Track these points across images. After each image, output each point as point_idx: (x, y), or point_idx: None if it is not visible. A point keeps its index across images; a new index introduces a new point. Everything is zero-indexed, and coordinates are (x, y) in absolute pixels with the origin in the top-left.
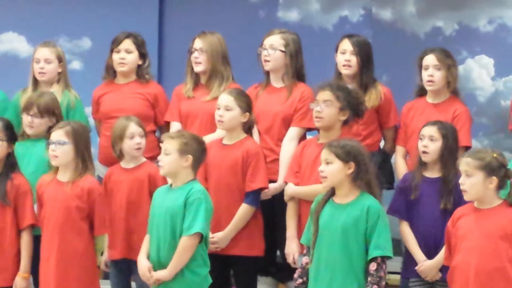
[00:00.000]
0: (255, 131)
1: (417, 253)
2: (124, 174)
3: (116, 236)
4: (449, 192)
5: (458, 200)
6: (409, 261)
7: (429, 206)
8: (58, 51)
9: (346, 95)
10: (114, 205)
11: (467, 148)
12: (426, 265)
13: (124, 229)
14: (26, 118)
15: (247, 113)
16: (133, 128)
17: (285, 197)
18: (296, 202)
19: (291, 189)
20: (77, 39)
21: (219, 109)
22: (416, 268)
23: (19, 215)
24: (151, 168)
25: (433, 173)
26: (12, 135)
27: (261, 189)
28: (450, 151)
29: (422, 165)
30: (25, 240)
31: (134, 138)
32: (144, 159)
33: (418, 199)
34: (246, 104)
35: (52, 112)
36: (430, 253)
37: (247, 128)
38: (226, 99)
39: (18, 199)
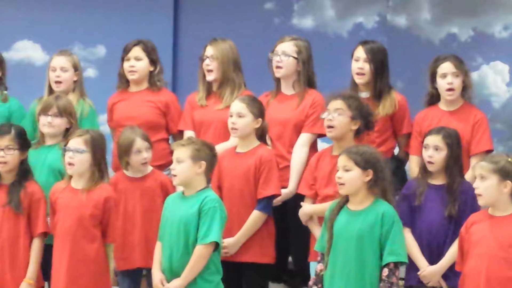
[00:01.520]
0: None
1: (420, 259)
2: (134, 184)
3: (131, 245)
4: (454, 199)
5: (463, 207)
6: (411, 268)
7: (433, 212)
8: (74, 60)
9: (357, 104)
10: (126, 215)
11: (489, 151)
12: (429, 271)
13: (142, 238)
14: (44, 119)
15: (260, 119)
16: (139, 143)
17: (303, 218)
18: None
19: (308, 209)
20: (91, 46)
21: (231, 116)
22: (418, 273)
23: (32, 222)
24: (161, 176)
25: (438, 180)
26: (24, 143)
27: (274, 196)
28: (455, 159)
29: (427, 172)
30: (36, 247)
31: (141, 153)
32: (150, 168)
33: (422, 205)
34: (259, 110)
35: (70, 113)
36: (433, 260)
37: (260, 135)
38: (238, 106)
39: (31, 207)
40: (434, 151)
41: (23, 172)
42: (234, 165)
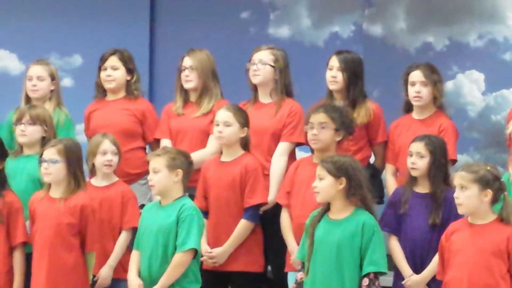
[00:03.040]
0: None
1: (404, 267)
2: (96, 193)
3: None
4: (438, 207)
5: (447, 215)
6: (398, 276)
7: (417, 220)
8: (51, 69)
9: (339, 115)
10: None
11: (453, 161)
12: (413, 280)
13: (100, 248)
14: (18, 128)
15: (246, 128)
16: (106, 145)
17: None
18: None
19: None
20: (68, 56)
21: (218, 125)
22: (403, 283)
23: (11, 232)
24: (123, 187)
25: (422, 188)
26: (1, 153)
27: (260, 204)
28: (438, 166)
29: (412, 180)
30: (18, 257)
31: (106, 155)
32: (116, 178)
33: (407, 213)
34: (244, 119)
35: (44, 121)
36: (417, 268)
37: (244, 144)
38: (225, 115)
39: (10, 216)
40: (417, 158)
41: (1, 181)
42: (219, 174)
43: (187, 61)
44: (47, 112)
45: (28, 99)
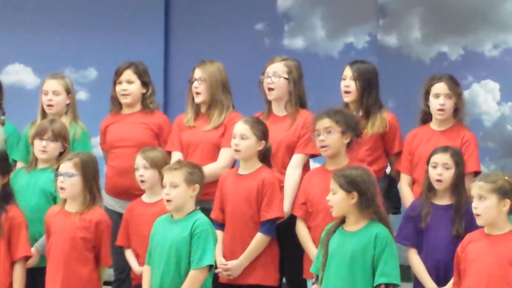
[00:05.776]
0: None
1: (427, 281)
2: (146, 209)
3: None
4: (461, 218)
5: (469, 225)
6: None
7: (440, 233)
8: (67, 83)
9: (343, 117)
10: (141, 239)
11: (476, 173)
12: None
13: None
14: (39, 144)
15: (263, 141)
16: (138, 160)
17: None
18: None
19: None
20: (83, 69)
21: (235, 138)
22: None
23: (13, 247)
24: None
25: (443, 200)
26: (5, 167)
27: (277, 218)
28: (462, 177)
29: (431, 192)
30: (18, 272)
31: (138, 171)
32: None
33: (428, 226)
34: (262, 132)
35: (64, 138)
36: (440, 280)
37: (263, 156)
38: (241, 128)
39: (12, 231)
40: (443, 169)
41: (5, 196)
42: (236, 187)
43: (197, 73)
44: (65, 127)
45: (44, 113)
